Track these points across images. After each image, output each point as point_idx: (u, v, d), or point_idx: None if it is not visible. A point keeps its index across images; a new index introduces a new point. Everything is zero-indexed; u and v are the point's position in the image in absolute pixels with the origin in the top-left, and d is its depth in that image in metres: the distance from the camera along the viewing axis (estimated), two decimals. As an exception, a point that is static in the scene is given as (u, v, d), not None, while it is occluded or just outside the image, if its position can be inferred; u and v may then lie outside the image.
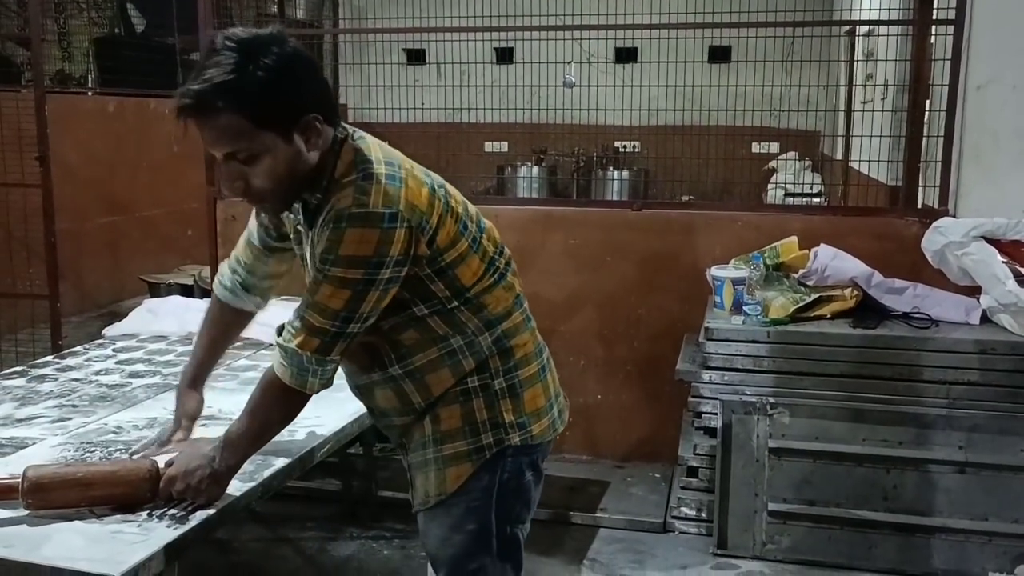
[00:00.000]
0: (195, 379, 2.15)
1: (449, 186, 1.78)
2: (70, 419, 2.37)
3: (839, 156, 6.46)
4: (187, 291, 5.37)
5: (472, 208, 1.81)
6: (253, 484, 1.97)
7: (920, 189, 4.13)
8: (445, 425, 1.79)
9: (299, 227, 1.80)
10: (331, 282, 1.63)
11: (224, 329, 2.15)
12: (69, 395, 2.59)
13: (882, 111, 4.74)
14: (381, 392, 1.85)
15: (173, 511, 1.81)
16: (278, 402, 1.77)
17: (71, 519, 1.78)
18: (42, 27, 6.17)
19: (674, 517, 3.59)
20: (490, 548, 1.84)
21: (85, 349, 3.12)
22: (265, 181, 1.63)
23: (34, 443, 2.18)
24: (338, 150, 1.68)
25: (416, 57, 8.17)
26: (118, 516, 1.79)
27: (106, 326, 3.58)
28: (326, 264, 1.62)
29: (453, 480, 1.79)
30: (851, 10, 6.72)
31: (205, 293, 4.91)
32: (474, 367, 1.77)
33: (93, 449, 2.15)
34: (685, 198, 6.08)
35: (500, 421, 1.79)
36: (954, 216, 3.71)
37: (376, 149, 1.71)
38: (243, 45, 1.56)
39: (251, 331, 3.13)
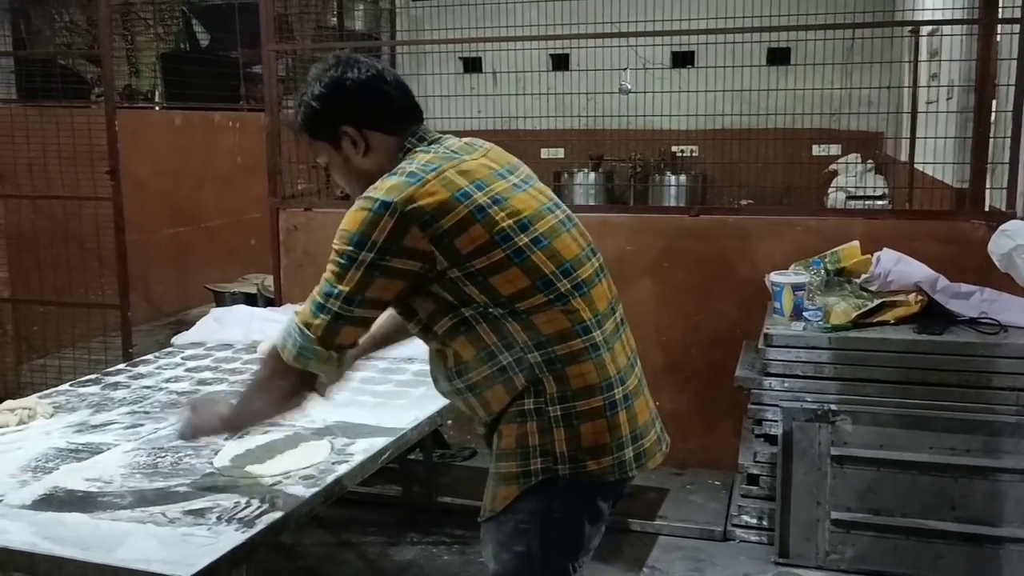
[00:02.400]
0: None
1: (514, 199, 1.78)
2: (142, 425, 2.45)
3: (903, 158, 6.34)
4: (250, 300, 5.49)
5: (542, 223, 1.80)
6: (317, 489, 2.02)
7: (987, 191, 4.04)
8: (504, 443, 1.80)
9: None
10: (331, 255, 1.76)
11: (390, 328, 2.22)
12: (141, 402, 2.67)
13: (947, 112, 4.64)
14: (456, 402, 1.90)
15: (243, 513, 1.86)
16: (265, 362, 1.92)
17: (144, 523, 1.84)
18: (111, 44, 6.37)
19: (735, 525, 3.56)
20: (534, 574, 1.81)
21: (156, 357, 3.22)
22: (341, 181, 1.97)
23: (108, 448, 2.27)
24: (402, 156, 1.84)
25: (472, 66, 8.23)
26: (189, 519, 1.85)
27: (174, 334, 3.69)
28: (334, 242, 1.77)
29: (502, 499, 1.79)
30: (914, 10, 6.59)
31: (268, 301, 5.02)
32: (528, 387, 1.75)
33: (164, 455, 2.22)
34: (744, 202, 6.02)
35: (551, 450, 1.75)
36: (1022, 219, 3.62)
37: (433, 157, 1.80)
38: (311, 76, 1.91)
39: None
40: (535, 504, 1.77)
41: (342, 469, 2.14)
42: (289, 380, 1.86)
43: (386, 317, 2.08)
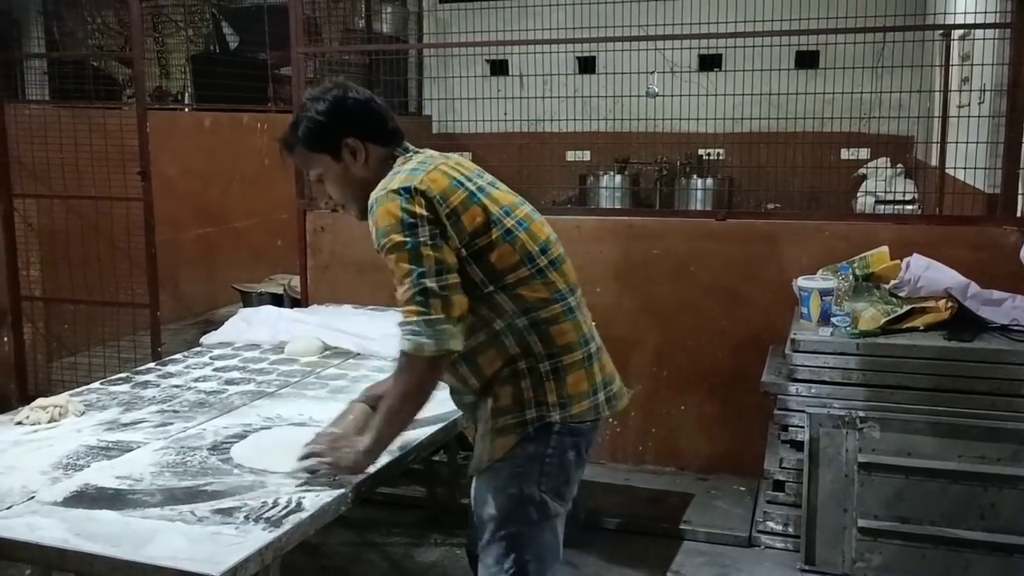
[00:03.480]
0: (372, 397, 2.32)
1: (494, 193, 2.08)
2: (171, 424, 2.48)
3: (934, 162, 6.27)
4: (277, 300, 5.53)
5: (519, 210, 2.10)
6: (343, 490, 2.03)
7: (1020, 197, 3.98)
8: (500, 402, 2.04)
9: None
10: (389, 254, 1.95)
11: None
12: (170, 401, 2.70)
13: (979, 116, 4.59)
14: (447, 376, 2.11)
15: (270, 512, 1.88)
16: (406, 373, 2.01)
17: (173, 521, 1.86)
18: (142, 46, 6.43)
19: (760, 531, 3.54)
20: (528, 516, 2.06)
21: (184, 357, 3.25)
22: (334, 192, 2.16)
23: (138, 447, 2.29)
24: (391, 164, 2.10)
25: (499, 68, 8.24)
26: (217, 518, 1.87)
27: (201, 334, 3.72)
28: (378, 245, 1.97)
29: (500, 448, 2.04)
30: (945, 13, 6.52)
31: (295, 302, 5.05)
32: (519, 351, 2.02)
33: (193, 453, 2.25)
34: (771, 206, 5.98)
35: (544, 400, 2.03)
36: (1056, 225, 3.58)
37: (424, 158, 2.09)
38: (309, 97, 2.15)
39: (338, 340, 3.23)
40: (531, 449, 2.04)
41: (368, 470, 2.14)
42: (434, 374, 2.01)
43: None
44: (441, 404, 2.62)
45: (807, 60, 7.09)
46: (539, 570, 2.08)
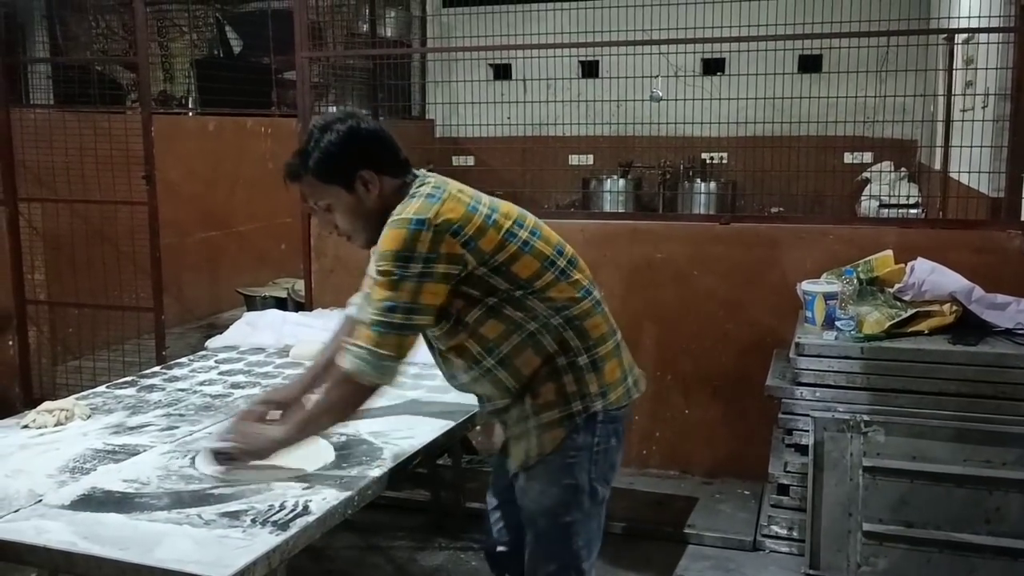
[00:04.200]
0: (308, 384, 2.40)
1: (502, 207, 2.12)
2: (177, 427, 2.48)
3: (937, 166, 6.27)
4: (281, 303, 5.54)
5: (528, 220, 2.15)
6: (350, 493, 2.04)
7: None
8: (542, 399, 2.11)
9: None
10: (377, 276, 1.99)
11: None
12: (176, 404, 2.71)
13: (982, 121, 4.59)
14: (481, 385, 2.17)
15: (277, 516, 1.88)
16: (336, 389, 2.07)
17: (181, 524, 1.87)
18: (147, 50, 6.44)
19: (764, 535, 3.54)
20: (582, 504, 2.14)
21: (190, 360, 3.26)
22: (343, 222, 2.14)
23: (144, 450, 2.30)
24: (404, 192, 2.09)
25: (502, 73, 8.26)
26: (224, 521, 1.87)
27: (205, 337, 3.73)
28: (377, 266, 2.00)
29: (550, 442, 2.11)
30: (949, 17, 6.53)
31: (299, 306, 5.06)
32: (557, 348, 2.09)
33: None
34: (774, 210, 5.98)
35: (587, 391, 2.11)
36: (1060, 229, 3.58)
37: (437, 182, 2.09)
38: (318, 126, 2.11)
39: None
40: (581, 440, 2.11)
41: (374, 473, 2.16)
42: (363, 398, 2.06)
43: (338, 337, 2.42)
44: (446, 408, 2.64)
45: (810, 64, 7.09)
46: (589, 555, 2.20)
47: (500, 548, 2.39)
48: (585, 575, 2.21)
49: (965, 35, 5.42)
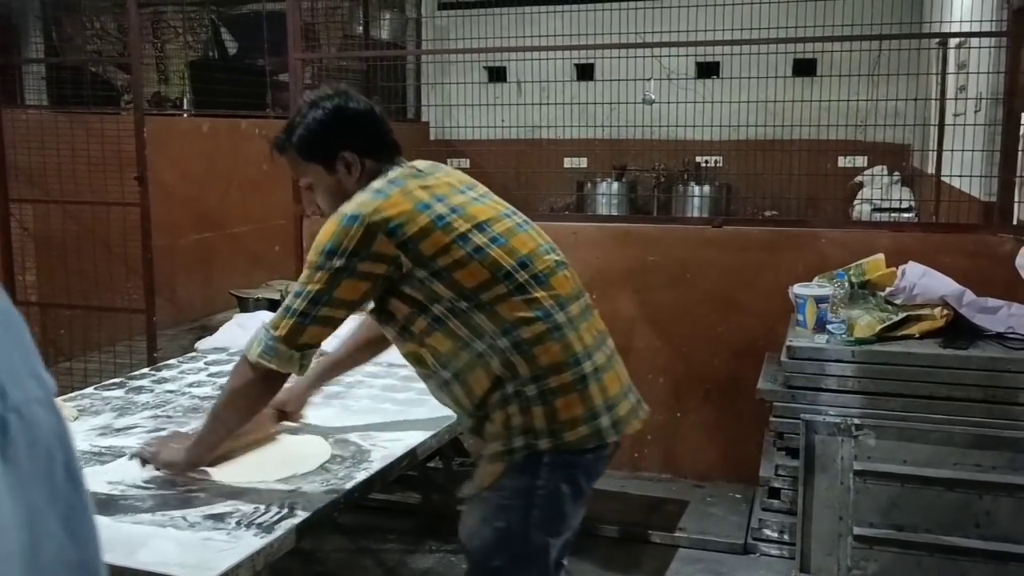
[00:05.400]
0: (313, 380, 2.41)
1: (470, 209, 1.98)
2: (165, 429, 2.47)
3: (930, 170, 6.29)
4: (274, 305, 5.49)
5: (497, 225, 1.98)
6: (336, 496, 2.02)
7: (1016, 205, 3.99)
8: (492, 428, 1.93)
9: None
10: (305, 266, 1.94)
11: (365, 341, 2.45)
12: (164, 406, 2.69)
13: (974, 125, 4.60)
14: (442, 394, 2.04)
15: (262, 518, 1.87)
16: (233, 372, 2.04)
17: (165, 526, 1.86)
18: (140, 51, 6.43)
19: (755, 539, 3.53)
20: (512, 550, 1.93)
21: (179, 362, 3.24)
22: (323, 202, 2.07)
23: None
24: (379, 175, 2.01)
25: (497, 75, 8.26)
26: (209, 524, 1.87)
27: (198, 339, 3.72)
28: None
29: (489, 476, 1.92)
30: (942, 21, 6.54)
31: (291, 308, 5.04)
32: (506, 372, 1.89)
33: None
34: (768, 214, 5.99)
35: (531, 427, 1.89)
36: (1051, 233, 3.58)
37: (399, 174, 2.00)
38: (308, 102, 2.06)
39: (333, 345, 3.21)
40: (519, 481, 1.90)
41: (360, 476, 2.14)
42: (256, 385, 1.99)
43: (350, 338, 2.42)
44: (435, 411, 2.63)
45: (804, 68, 7.11)
46: None
47: None
48: None
49: (958, 39, 5.42)
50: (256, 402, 2.06)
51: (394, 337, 2.04)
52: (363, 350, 2.48)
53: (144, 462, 2.11)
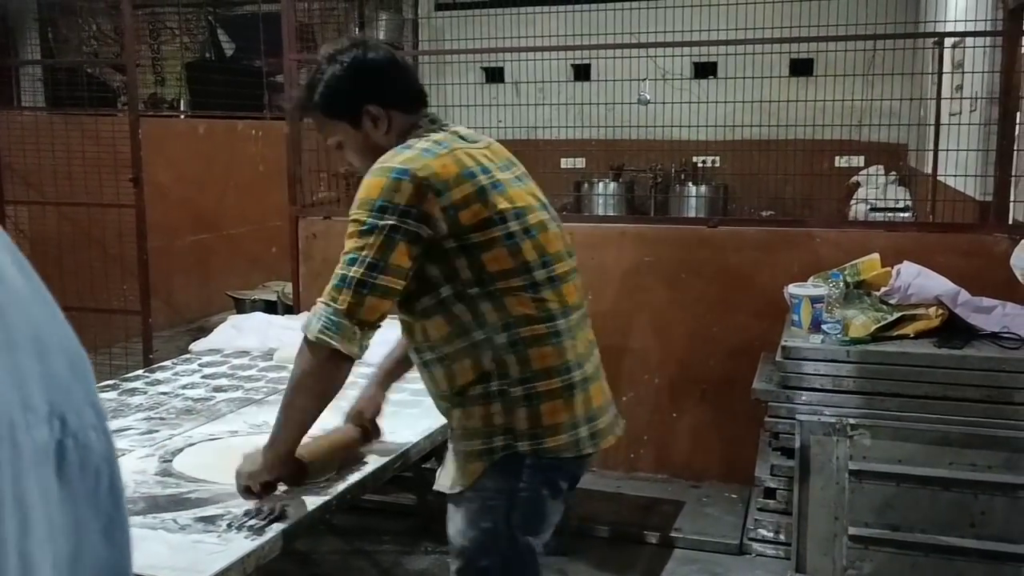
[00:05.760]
0: (382, 380, 2.35)
1: (511, 190, 1.90)
2: (157, 431, 2.47)
3: (927, 170, 6.29)
4: (271, 307, 5.52)
5: (532, 217, 1.91)
6: (327, 498, 2.02)
7: (1012, 204, 3.99)
8: (469, 423, 1.89)
9: None
10: (349, 227, 1.82)
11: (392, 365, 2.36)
12: (157, 408, 2.69)
13: (969, 124, 4.60)
14: (423, 373, 1.99)
15: (252, 521, 1.87)
16: (298, 356, 1.88)
17: (156, 529, 1.85)
18: (137, 53, 6.43)
19: (751, 539, 3.53)
20: (500, 549, 1.91)
21: (173, 364, 3.24)
22: (353, 159, 2.00)
23: (123, 455, 2.27)
24: (418, 133, 1.92)
25: (494, 76, 8.25)
26: (199, 526, 1.86)
27: (194, 341, 3.72)
28: (349, 215, 1.84)
29: (469, 475, 1.89)
30: (938, 21, 6.54)
31: (288, 309, 5.05)
32: (495, 368, 1.85)
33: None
34: (765, 213, 5.99)
35: (513, 427, 1.86)
36: (1046, 232, 3.58)
37: (444, 136, 1.91)
38: (325, 57, 1.98)
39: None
40: (502, 482, 1.88)
41: (353, 478, 2.14)
42: (323, 364, 1.83)
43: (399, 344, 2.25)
44: (428, 412, 2.62)
45: (801, 68, 7.11)
46: None
47: None
48: None
49: (954, 39, 5.42)
50: (326, 382, 1.87)
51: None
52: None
53: (248, 492, 1.96)
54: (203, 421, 2.56)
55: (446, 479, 1.94)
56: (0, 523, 0.50)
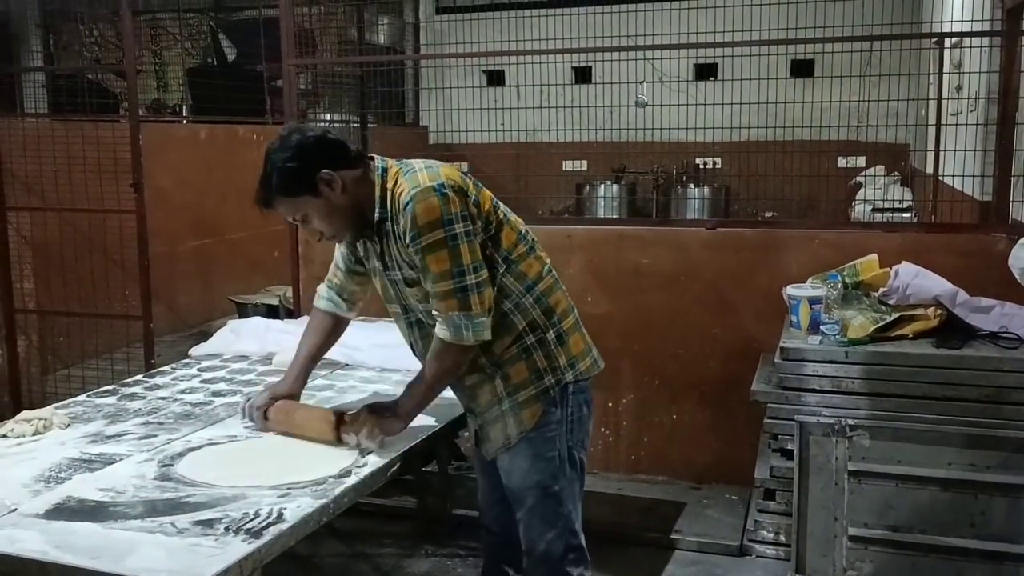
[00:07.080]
0: (297, 376, 2.57)
1: (483, 191, 2.29)
2: (156, 436, 2.47)
3: (929, 170, 6.28)
4: (272, 311, 5.53)
5: (502, 205, 2.35)
6: (325, 501, 2.03)
7: (1011, 204, 3.99)
8: (515, 379, 2.29)
9: (369, 243, 2.33)
10: (427, 252, 2.14)
11: (325, 333, 2.61)
12: (156, 413, 2.70)
13: (966, 124, 4.59)
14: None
15: (250, 524, 1.88)
16: (443, 356, 2.26)
17: (153, 532, 1.86)
18: (139, 58, 6.45)
19: (751, 540, 3.53)
20: (565, 471, 2.33)
21: (172, 369, 3.25)
22: (323, 226, 2.25)
23: (121, 459, 2.29)
24: (382, 175, 2.24)
25: (495, 79, 8.27)
26: (197, 530, 1.87)
27: (197, 345, 3.72)
28: (416, 242, 2.14)
29: (530, 419, 2.29)
30: (937, 22, 6.54)
31: (289, 313, 5.05)
32: (526, 326, 2.28)
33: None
34: (767, 215, 5.99)
35: (557, 365, 2.31)
36: (1045, 232, 3.57)
37: (423, 162, 2.24)
38: (268, 151, 2.22)
39: (331, 352, 3.23)
40: (558, 413, 2.31)
41: (350, 481, 2.15)
42: (465, 359, 2.26)
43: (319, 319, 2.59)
44: (424, 416, 2.63)
45: (803, 69, 7.12)
46: (578, 515, 2.41)
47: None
48: (578, 535, 2.41)
49: (954, 39, 5.42)
50: (454, 368, 2.29)
51: (420, 298, 2.25)
52: (332, 338, 2.64)
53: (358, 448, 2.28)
54: (201, 426, 2.56)
55: (500, 437, 2.32)
56: None
